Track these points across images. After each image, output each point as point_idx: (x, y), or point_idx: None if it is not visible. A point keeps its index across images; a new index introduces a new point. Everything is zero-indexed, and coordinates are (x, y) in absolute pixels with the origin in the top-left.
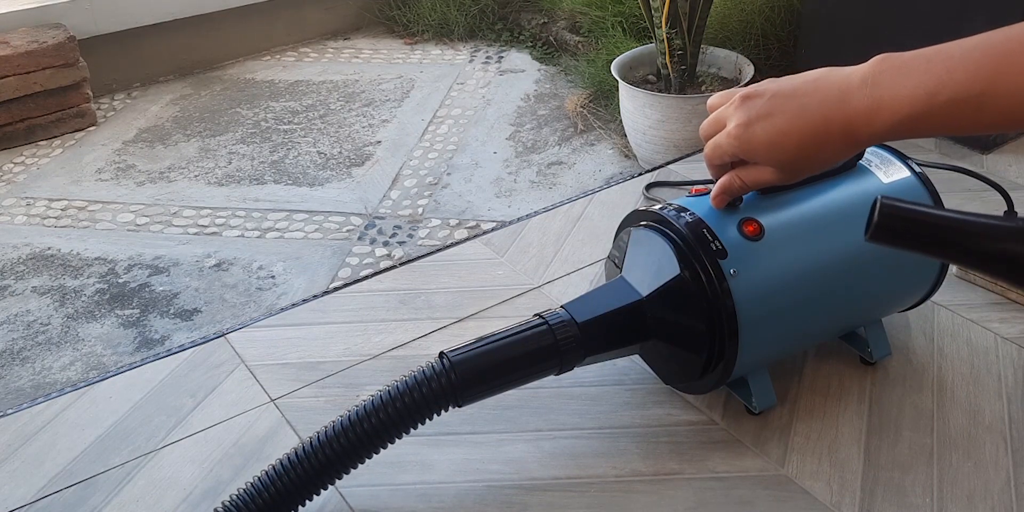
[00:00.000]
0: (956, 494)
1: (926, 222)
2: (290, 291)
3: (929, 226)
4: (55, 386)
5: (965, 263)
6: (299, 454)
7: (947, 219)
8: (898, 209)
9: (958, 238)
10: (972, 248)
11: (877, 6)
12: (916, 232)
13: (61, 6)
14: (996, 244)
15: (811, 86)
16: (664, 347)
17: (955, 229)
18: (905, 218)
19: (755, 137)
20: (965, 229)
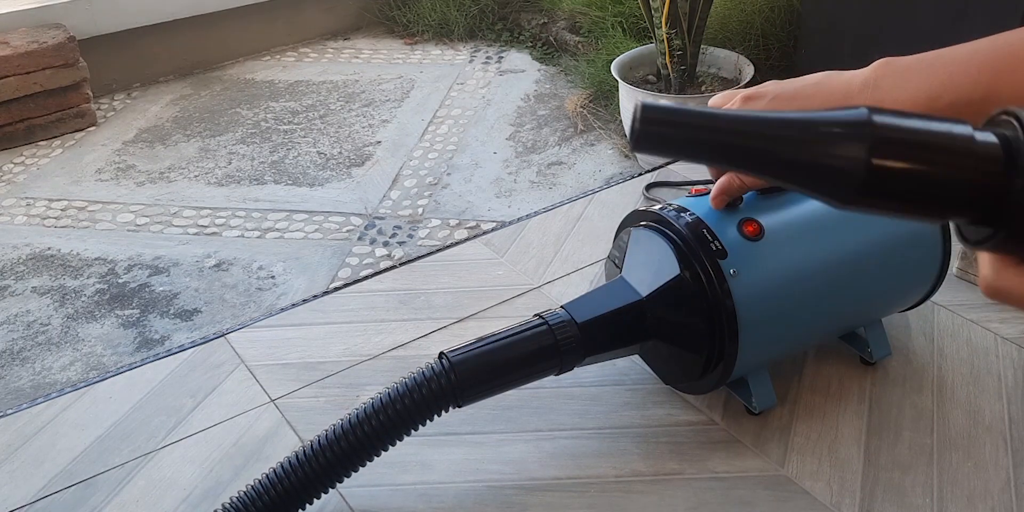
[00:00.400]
0: (956, 494)
1: (698, 125)
2: (290, 291)
3: (703, 129)
4: (55, 386)
5: (758, 172)
6: (301, 457)
7: (729, 119)
8: (663, 111)
9: (742, 141)
10: (754, 151)
11: (877, 7)
12: (689, 137)
13: (61, 6)
14: (795, 150)
15: (812, 89)
16: (664, 347)
17: (736, 132)
18: (673, 122)
19: None
20: (747, 131)
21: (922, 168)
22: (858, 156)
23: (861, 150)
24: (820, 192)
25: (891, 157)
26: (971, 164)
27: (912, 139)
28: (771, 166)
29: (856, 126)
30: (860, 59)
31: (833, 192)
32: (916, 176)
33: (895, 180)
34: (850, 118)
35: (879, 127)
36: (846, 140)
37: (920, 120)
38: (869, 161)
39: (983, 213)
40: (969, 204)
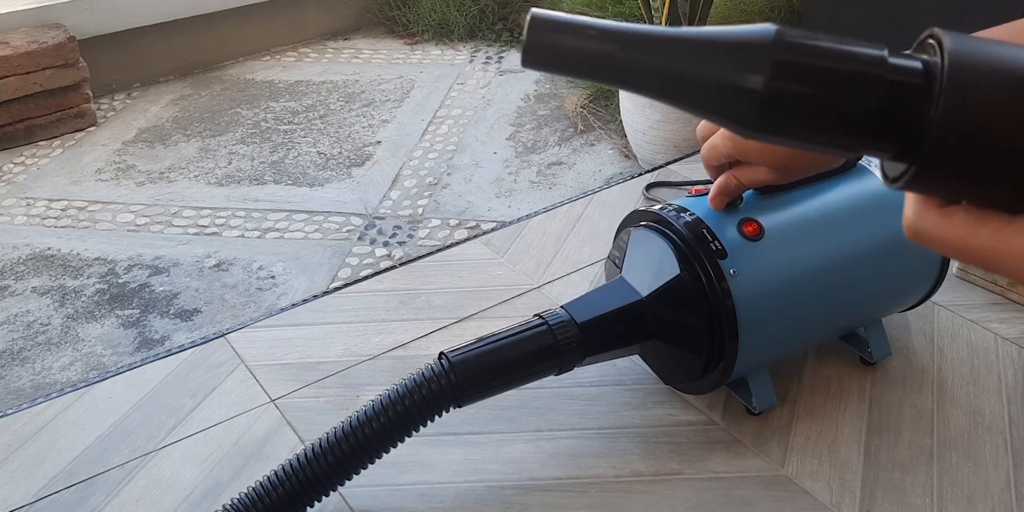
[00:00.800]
0: (956, 494)
1: (592, 36)
2: (290, 291)
3: (598, 40)
4: (55, 386)
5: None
6: (303, 459)
7: (626, 32)
8: (555, 21)
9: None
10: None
11: (877, 7)
12: (581, 48)
13: (61, 6)
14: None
15: None
16: (664, 347)
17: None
18: (565, 33)
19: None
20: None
21: (827, 93)
22: (758, 78)
23: (762, 71)
24: (721, 115)
25: (794, 80)
26: (880, 90)
27: (818, 63)
28: (670, 85)
29: (759, 46)
30: None
31: (734, 116)
32: (820, 101)
33: (798, 105)
34: (754, 37)
35: (783, 48)
36: (747, 60)
37: (833, 42)
38: (769, 83)
39: (900, 146)
40: (881, 134)
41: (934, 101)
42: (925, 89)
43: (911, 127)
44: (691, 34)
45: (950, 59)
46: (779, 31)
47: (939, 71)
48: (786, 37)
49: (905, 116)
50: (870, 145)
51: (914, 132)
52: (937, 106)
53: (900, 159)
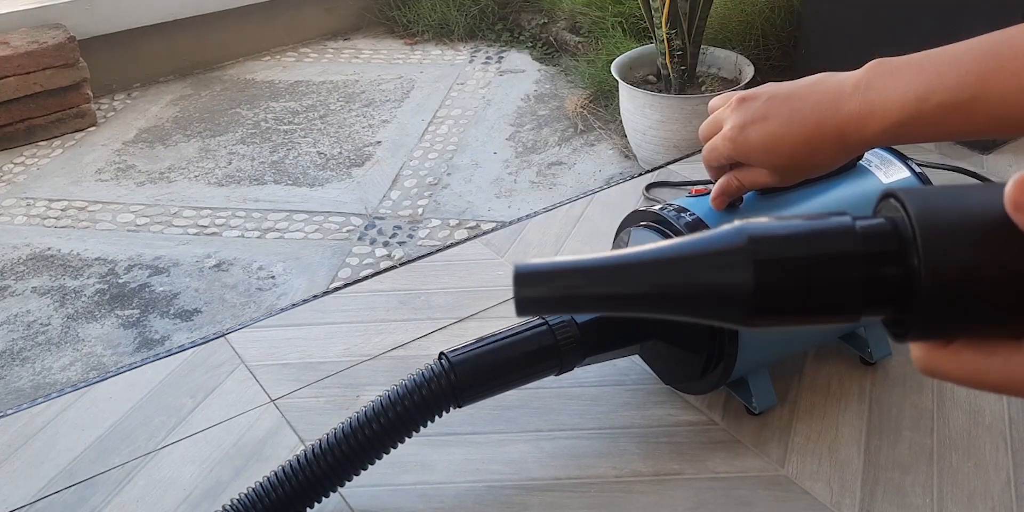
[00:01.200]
0: (956, 494)
1: (576, 281)
2: (290, 291)
3: (583, 285)
4: (55, 386)
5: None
6: (303, 460)
7: (606, 269)
8: (537, 273)
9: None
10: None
11: (877, 6)
12: (572, 295)
13: (61, 6)
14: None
15: (806, 90)
16: (664, 347)
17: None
18: (550, 283)
19: (749, 140)
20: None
21: (813, 281)
22: (743, 285)
23: (745, 279)
24: (715, 321)
25: (777, 279)
26: (861, 263)
27: (795, 255)
28: (663, 307)
29: (734, 254)
30: (860, 59)
31: (728, 320)
32: (810, 290)
33: (789, 299)
34: (728, 245)
35: (758, 250)
36: (728, 271)
37: (800, 227)
38: (756, 288)
39: (896, 306)
40: (876, 302)
41: (914, 265)
42: (901, 253)
43: (896, 290)
44: (668, 253)
45: (919, 224)
46: (749, 231)
47: (911, 234)
48: (758, 235)
49: (889, 280)
50: (868, 313)
51: (901, 294)
52: (920, 272)
53: (897, 318)
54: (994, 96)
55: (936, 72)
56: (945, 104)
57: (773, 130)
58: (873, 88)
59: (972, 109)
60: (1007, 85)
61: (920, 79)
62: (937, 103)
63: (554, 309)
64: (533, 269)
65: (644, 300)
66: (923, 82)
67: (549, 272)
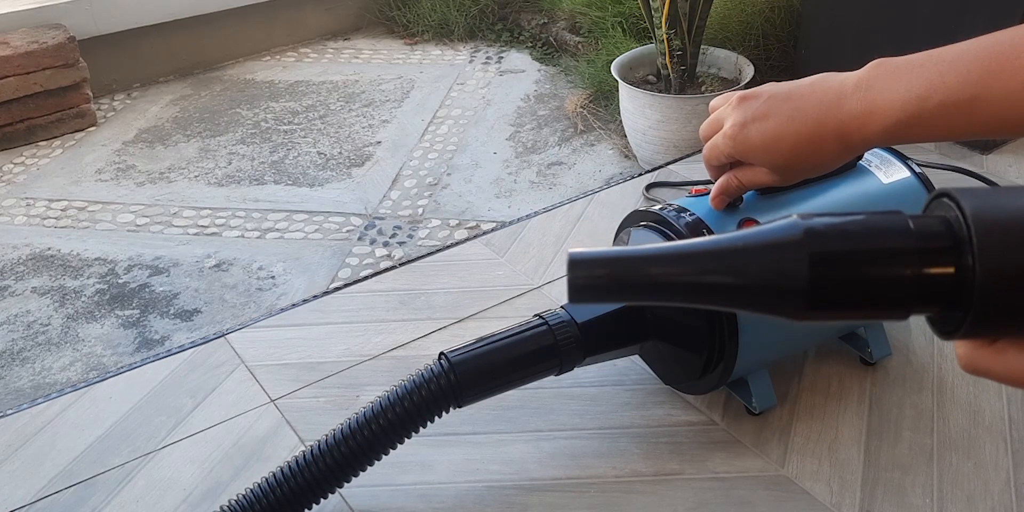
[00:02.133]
0: (956, 494)
1: (630, 269)
2: (290, 291)
3: (637, 272)
4: (55, 386)
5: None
6: (303, 460)
7: (661, 258)
8: (593, 261)
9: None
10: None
11: (877, 7)
12: (625, 282)
13: (61, 6)
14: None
15: (807, 89)
16: (664, 347)
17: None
18: (605, 270)
19: (750, 138)
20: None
21: (866, 276)
22: (798, 277)
23: (800, 271)
24: (769, 313)
25: (832, 273)
26: (915, 260)
27: (849, 249)
28: (715, 298)
29: (790, 246)
30: (860, 59)
31: (782, 312)
32: (862, 284)
33: (842, 293)
34: (783, 238)
35: (813, 243)
36: (784, 262)
37: (856, 223)
38: (810, 281)
39: (945, 303)
40: (926, 298)
41: (969, 262)
42: (955, 250)
43: (950, 286)
44: (722, 244)
45: (975, 222)
46: (806, 225)
47: (965, 233)
48: (814, 229)
49: (942, 278)
50: (916, 310)
51: (954, 290)
52: (975, 269)
53: (947, 314)
54: (996, 96)
55: (937, 71)
56: (947, 104)
57: (774, 128)
58: (874, 88)
59: (973, 109)
60: (1008, 85)
61: (921, 79)
62: (939, 103)
63: (606, 296)
64: (588, 256)
65: (697, 290)
66: (924, 82)
67: (603, 259)
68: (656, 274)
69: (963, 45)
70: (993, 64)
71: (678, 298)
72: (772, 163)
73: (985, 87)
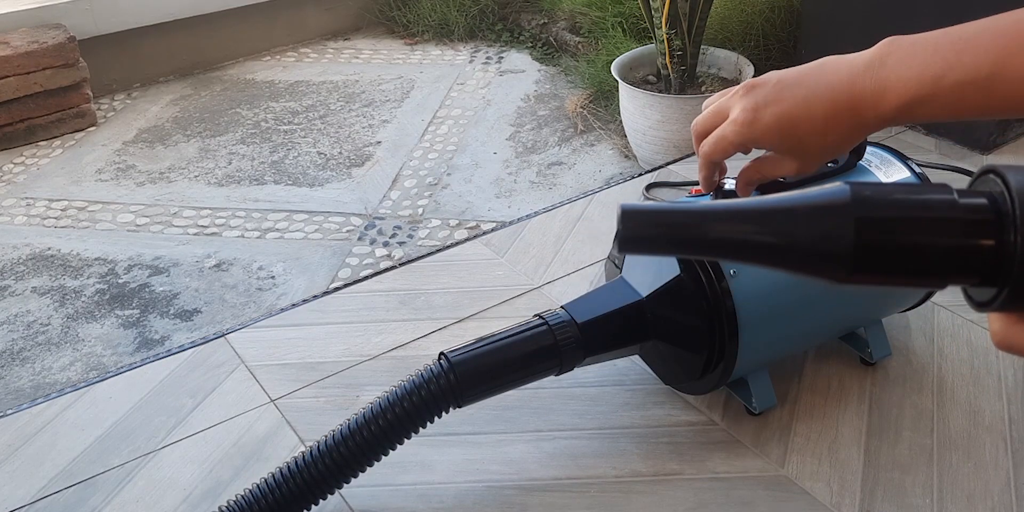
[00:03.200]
0: (956, 494)
1: (680, 223)
2: (290, 291)
3: (686, 227)
4: (55, 386)
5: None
6: (304, 460)
7: (710, 214)
8: (645, 213)
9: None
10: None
11: (877, 7)
12: (673, 236)
13: (61, 6)
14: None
15: (817, 72)
16: (664, 347)
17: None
18: (656, 223)
19: (762, 123)
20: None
21: (909, 242)
22: (844, 239)
23: (846, 234)
24: (812, 275)
25: (876, 237)
26: (959, 230)
27: (895, 216)
28: (760, 256)
29: (839, 207)
30: None
31: (825, 274)
32: (905, 251)
33: (885, 258)
34: (831, 201)
35: (862, 206)
36: (831, 227)
37: (903, 192)
38: (855, 244)
39: (983, 275)
40: (965, 269)
41: (1011, 236)
42: (998, 223)
43: (990, 259)
44: (773, 203)
45: (1019, 197)
46: (854, 190)
47: (1009, 207)
48: (862, 194)
49: (983, 250)
50: (954, 280)
51: (994, 263)
52: (1016, 241)
53: (984, 286)
54: (1013, 74)
55: (954, 49)
56: (963, 82)
57: (788, 111)
58: (888, 65)
59: (990, 87)
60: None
61: (937, 56)
62: (955, 81)
63: (653, 249)
64: (639, 208)
65: (742, 248)
66: (940, 59)
67: (655, 212)
68: (703, 231)
69: (979, 23)
70: (1011, 42)
71: (723, 255)
72: (786, 146)
73: (1003, 65)
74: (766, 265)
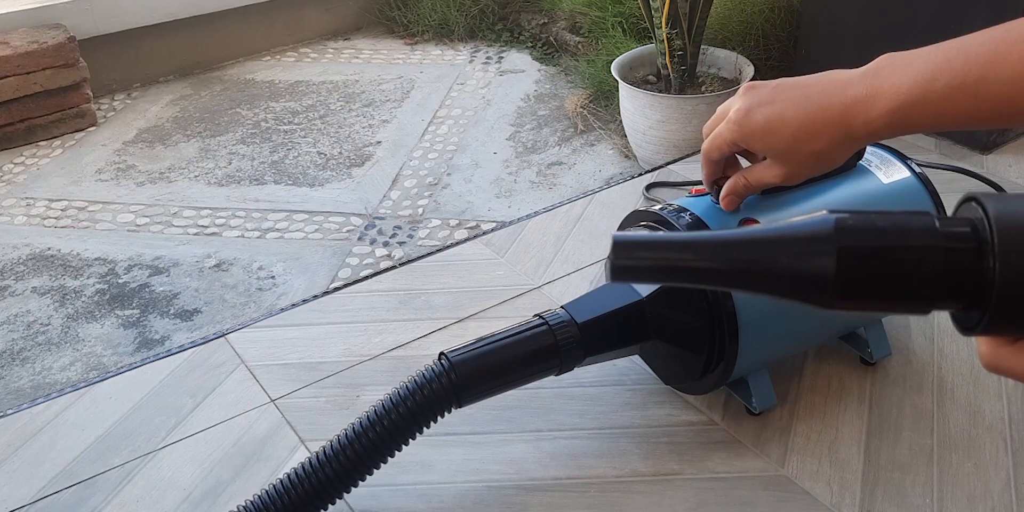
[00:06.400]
0: (956, 494)
1: (670, 254)
2: (290, 291)
3: (676, 257)
4: (55, 386)
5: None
6: (309, 466)
7: (700, 245)
8: (636, 244)
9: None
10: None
11: (877, 7)
12: (664, 266)
13: (61, 6)
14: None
15: (815, 79)
16: (664, 347)
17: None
18: (646, 254)
19: (753, 121)
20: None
21: (892, 271)
22: (827, 269)
23: (829, 263)
24: (800, 301)
25: (859, 266)
26: (940, 258)
27: (877, 245)
28: (749, 284)
29: (821, 239)
30: (861, 59)
31: (812, 301)
32: (888, 279)
33: (868, 285)
34: (815, 231)
35: (843, 238)
36: (814, 255)
37: (885, 220)
38: (837, 272)
39: (966, 301)
40: (948, 295)
41: (990, 263)
42: (978, 251)
43: (971, 285)
44: (759, 234)
45: (997, 224)
46: (837, 220)
47: (988, 234)
48: (845, 223)
49: (965, 276)
50: (937, 306)
51: (975, 289)
52: (995, 268)
53: (968, 311)
54: (1001, 78)
55: (944, 56)
56: (952, 86)
57: (779, 112)
58: (881, 74)
59: (979, 91)
60: (1015, 67)
61: (928, 63)
62: (944, 85)
63: (645, 278)
64: (630, 239)
65: (732, 276)
66: (931, 65)
67: (645, 243)
68: (692, 260)
69: (970, 35)
70: (1000, 47)
71: (712, 283)
72: (774, 149)
73: (992, 69)
74: (755, 293)
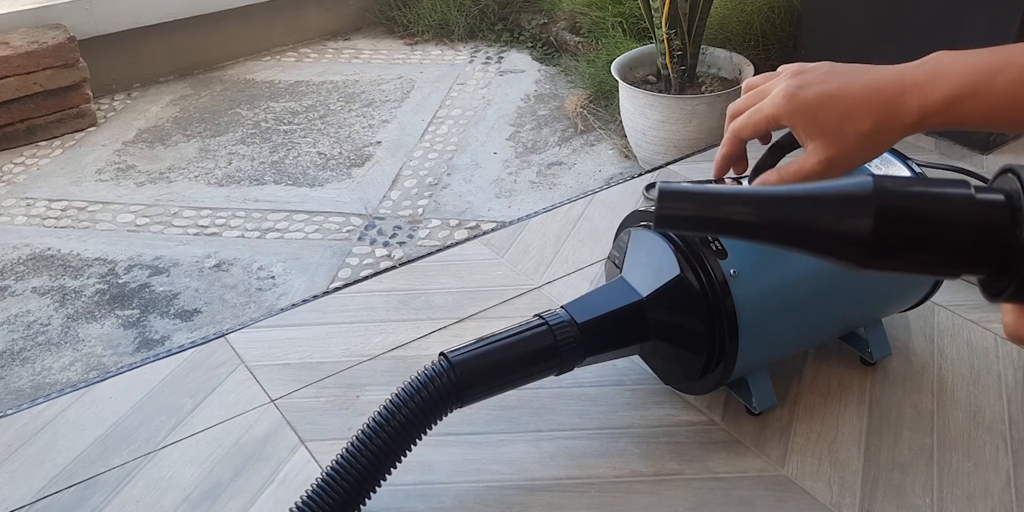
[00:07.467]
0: (956, 494)
1: (715, 205)
2: (290, 291)
3: (720, 209)
4: (55, 386)
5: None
6: (325, 482)
7: (743, 198)
8: (682, 195)
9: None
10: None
11: (877, 7)
12: (708, 217)
13: (61, 6)
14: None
15: (866, 66)
16: (664, 347)
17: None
18: (692, 205)
19: (804, 98)
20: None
21: (925, 233)
22: (864, 228)
23: (866, 222)
24: (832, 259)
25: (894, 225)
26: (974, 223)
27: (914, 207)
28: (786, 239)
29: (860, 198)
30: (860, 60)
31: (845, 258)
32: (920, 240)
33: (900, 245)
34: (856, 191)
35: (883, 196)
36: (852, 214)
37: (924, 186)
38: (873, 230)
39: (997, 267)
40: (977, 260)
41: (1021, 235)
42: (1012, 219)
43: (1003, 252)
44: (802, 190)
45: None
46: (876, 181)
47: (1021, 197)
48: (884, 186)
49: (997, 243)
50: (968, 271)
51: (1007, 255)
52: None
53: (997, 277)
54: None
55: (1009, 52)
56: (1017, 81)
57: (832, 89)
58: (942, 63)
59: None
60: None
61: (993, 58)
62: (1009, 79)
63: (687, 227)
64: (676, 189)
65: (772, 230)
66: (996, 60)
67: (691, 193)
68: (734, 212)
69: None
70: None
71: (751, 236)
72: (821, 128)
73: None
74: (789, 247)
